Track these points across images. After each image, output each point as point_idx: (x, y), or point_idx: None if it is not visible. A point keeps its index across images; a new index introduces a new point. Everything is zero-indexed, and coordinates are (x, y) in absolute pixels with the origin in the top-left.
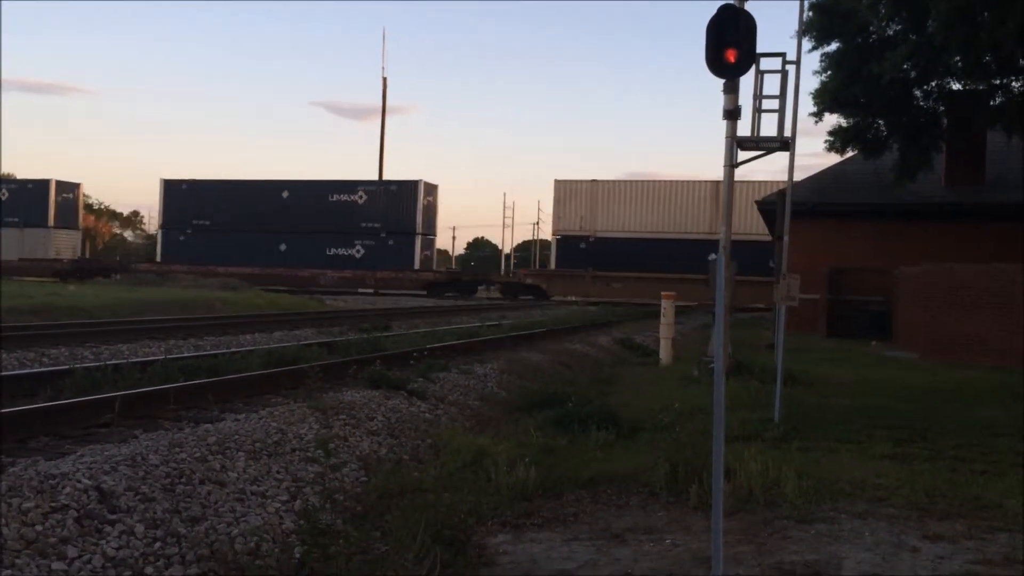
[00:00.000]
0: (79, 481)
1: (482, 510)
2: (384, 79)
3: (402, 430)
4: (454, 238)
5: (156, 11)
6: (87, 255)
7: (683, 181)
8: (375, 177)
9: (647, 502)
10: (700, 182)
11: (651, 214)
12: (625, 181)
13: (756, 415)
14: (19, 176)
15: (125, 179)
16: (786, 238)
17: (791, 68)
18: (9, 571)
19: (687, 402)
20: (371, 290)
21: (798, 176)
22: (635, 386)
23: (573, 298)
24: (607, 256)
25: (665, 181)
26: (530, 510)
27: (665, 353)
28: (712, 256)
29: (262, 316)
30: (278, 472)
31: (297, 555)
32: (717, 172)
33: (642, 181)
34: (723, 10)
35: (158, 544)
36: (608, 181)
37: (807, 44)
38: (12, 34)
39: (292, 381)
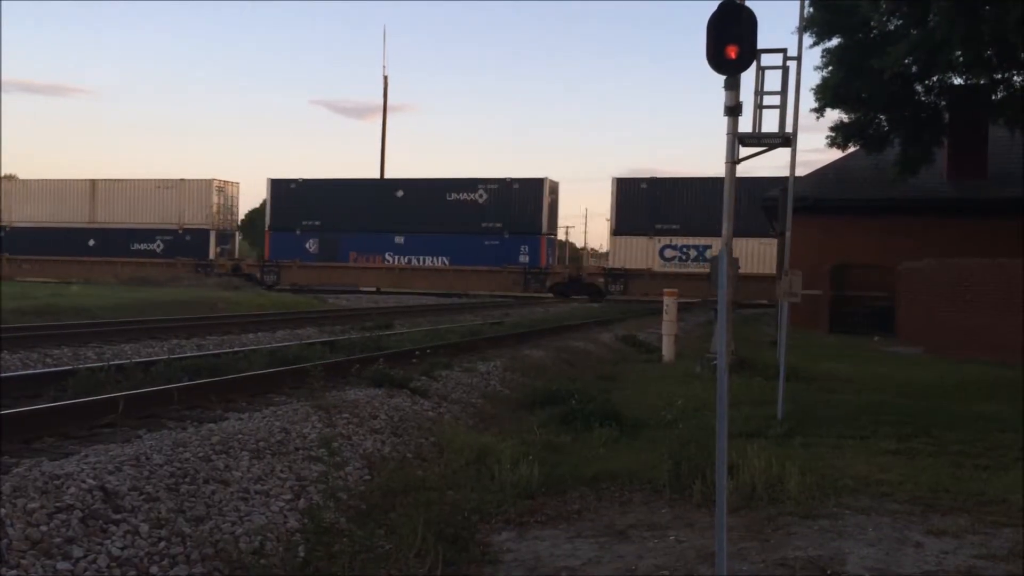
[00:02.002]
0: (84, 481)
1: (486, 508)
2: (385, 77)
3: (405, 428)
4: None
5: (156, 11)
6: None
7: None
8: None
9: (651, 499)
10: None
11: None
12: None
13: (759, 411)
14: (21, 176)
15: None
16: (788, 234)
17: (792, 64)
18: (15, 571)
19: (690, 399)
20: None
21: (800, 172)
22: (638, 383)
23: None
24: None
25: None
26: (534, 508)
27: (668, 350)
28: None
29: (264, 316)
30: (282, 471)
31: (301, 554)
32: (719, 168)
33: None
34: (724, 6)
35: (163, 544)
36: None
37: (808, 40)
38: (12, 34)
39: (295, 380)
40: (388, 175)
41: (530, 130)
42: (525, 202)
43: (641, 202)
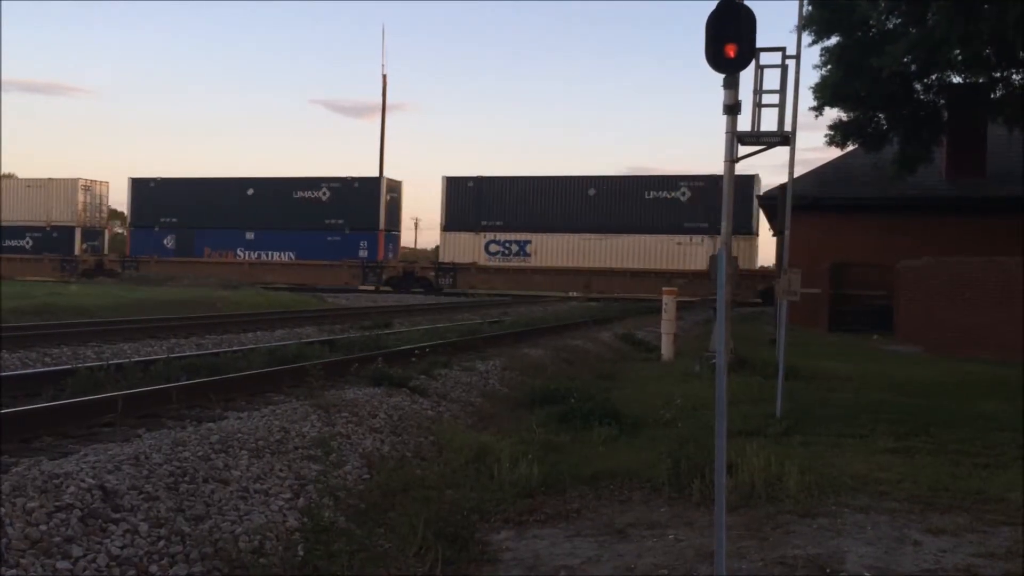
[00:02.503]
0: (83, 480)
1: (485, 507)
2: (384, 76)
3: (404, 427)
4: None
5: (155, 10)
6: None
7: None
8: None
9: (650, 498)
10: None
11: None
12: None
13: (758, 410)
14: (21, 176)
15: (124, 178)
16: (787, 232)
17: (791, 63)
18: (14, 571)
19: (689, 397)
20: None
21: (799, 170)
22: (637, 382)
23: None
24: None
25: None
26: (533, 507)
27: (667, 349)
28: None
29: (263, 314)
30: (281, 470)
31: (300, 553)
32: (718, 167)
33: None
34: (723, 5)
35: (162, 543)
36: None
37: (807, 38)
38: (12, 34)
39: (294, 379)
40: (388, 174)
41: (529, 129)
42: (365, 200)
43: (468, 200)
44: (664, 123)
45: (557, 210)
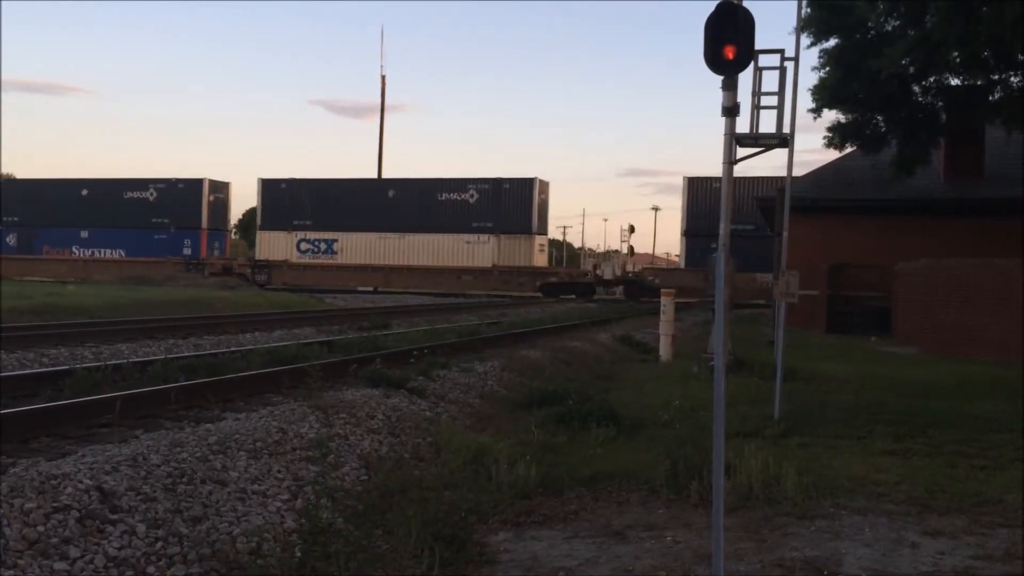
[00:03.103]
0: (80, 481)
1: (483, 508)
2: (383, 77)
3: (402, 428)
4: None
5: (154, 10)
6: None
7: None
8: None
9: (648, 499)
10: None
11: None
12: None
13: (756, 411)
14: (20, 176)
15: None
16: (785, 234)
17: (790, 64)
18: (11, 572)
19: (687, 399)
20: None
21: (797, 172)
22: (635, 383)
23: None
24: None
25: None
26: (531, 508)
27: (665, 350)
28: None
29: (262, 315)
30: (279, 471)
31: (298, 554)
32: (716, 168)
33: None
34: (721, 7)
35: (160, 544)
36: None
37: (805, 40)
38: (12, 34)
39: (292, 380)
40: (386, 175)
41: (529, 129)
42: (189, 201)
43: (282, 201)
44: (663, 124)
45: (361, 211)
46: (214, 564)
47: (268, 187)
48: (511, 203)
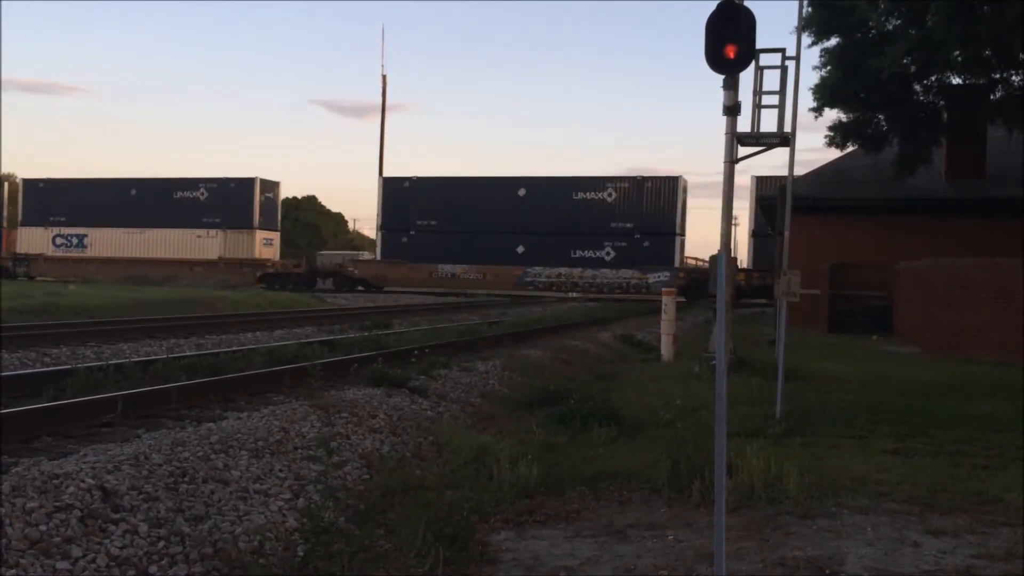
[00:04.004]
0: (83, 481)
1: (484, 507)
2: (384, 77)
3: (404, 428)
4: None
5: (154, 10)
6: None
7: None
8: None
9: (649, 498)
10: None
11: None
12: None
13: (758, 411)
14: (21, 176)
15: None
16: (787, 234)
17: (791, 64)
18: (13, 571)
19: (689, 398)
20: None
21: (798, 171)
22: (637, 383)
23: None
24: None
25: None
26: (532, 507)
27: (666, 350)
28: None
29: (263, 315)
30: (281, 471)
31: (300, 553)
32: (718, 168)
33: None
34: (723, 6)
35: (162, 543)
36: None
37: (806, 39)
38: (12, 33)
39: (294, 379)
40: (387, 174)
41: (530, 129)
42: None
43: (41, 199)
44: (664, 123)
45: (109, 208)
46: (216, 563)
47: (29, 186)
48: (239, 201)
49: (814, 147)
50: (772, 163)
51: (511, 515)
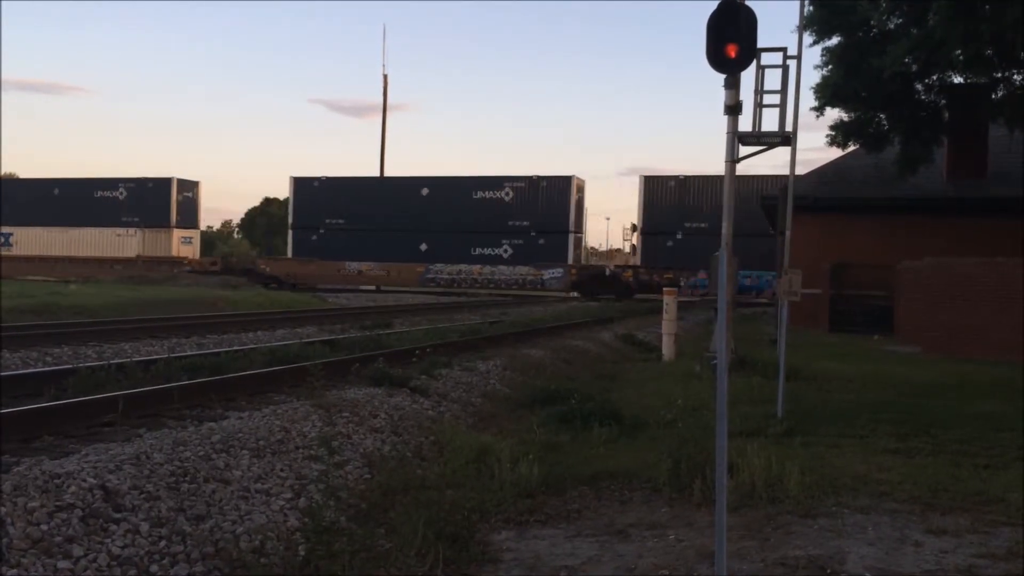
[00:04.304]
0: (84, 480)
1: (486, 507)
2: (385, 76)
3: (405, 427)
4: None
5: (154, 9)
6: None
7: None
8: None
9: (650, 498)
10: None
11: None
12: None
13: (759, 410)
14: (21, 175)
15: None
16: (788, 233)
17: (792, 63)
18: (15, 570)
19: (690, 398)
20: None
21: (800, 171)
22: (638, 382)
23: None
24: None
25: None
26: (533, 507)
27: (667, 349)
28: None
29: (264, 314)
30: (282, 470)
31: (302, 552)
32: (719, 167)
33: None
34: (724, 5)
35: (163, 542)
36: None
37: (808, 39)
38: (12, 33)
39: (295, 379)
40: (387, 173)
41: (532, 126)
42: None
43: None
44: (665, 123)
45: (33, 206)
46: (217, 563)
47: None
48: (155, 202)
49: (815, 146)
50: (773, 162)
51: (512, 515)
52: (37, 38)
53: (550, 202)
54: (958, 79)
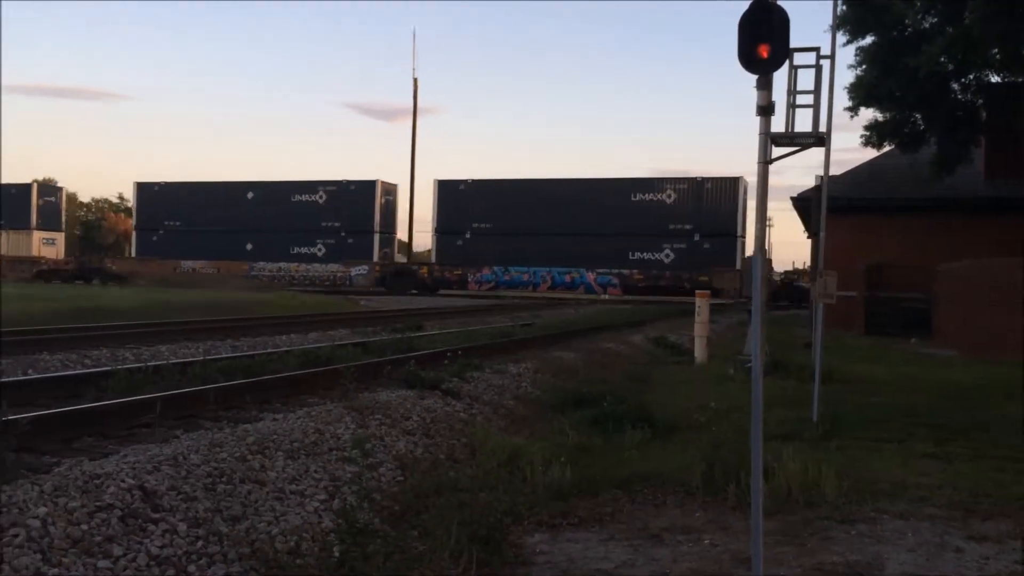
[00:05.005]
0: (123, 481)
1: (518, 509)
2: (415, 80)
3: (437, 430)
4: None
5: (186, 12)
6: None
7: None
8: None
9: (684, 502)
10: None
11: None
12: None
13: (794, 414)
14: (60, 183)
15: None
16: (823, 234)
17: (825, 63)
18: (56, 570)
19: (723, 401)
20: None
21: (834, 171)
22: (670, 385)
23: None
24: None
25: None
26: (566, 510)
27: (700, 352)
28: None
29: (296, 317)
30: (316, 472)
31: (336, 554)
32: (751, 168)
33: None
34: (755, 5)
35: (200, 543)
36: None
37: (841, 38)
38: (48, 38)
39: (328, 381)
40: (417, 176)
41: (562, 128)
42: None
43: None
44: (697, 125)
45: None
46: (253, 563)
47: None
48: (18, 204)
49: (850, 147)
50: (806, 163)
51: (545, 517)
52: (75, 43)
53: (355, 206)
54: (995, 78)
